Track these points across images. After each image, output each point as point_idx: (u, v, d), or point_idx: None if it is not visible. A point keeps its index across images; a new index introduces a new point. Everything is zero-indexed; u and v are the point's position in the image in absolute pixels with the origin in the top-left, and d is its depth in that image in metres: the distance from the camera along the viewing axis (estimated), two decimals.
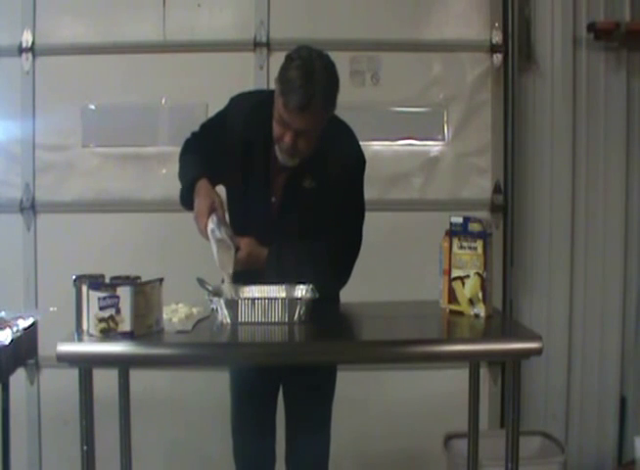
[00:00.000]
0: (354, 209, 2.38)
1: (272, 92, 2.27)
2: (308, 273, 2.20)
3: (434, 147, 3.43)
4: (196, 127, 2.41)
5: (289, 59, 2.19)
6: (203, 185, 2.21)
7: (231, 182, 2.34)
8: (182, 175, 2.32)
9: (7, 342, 2.24)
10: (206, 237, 2.17)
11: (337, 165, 2.29)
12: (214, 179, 2.26)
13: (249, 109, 2.34)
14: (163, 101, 3.37)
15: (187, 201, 2.26)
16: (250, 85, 3.23)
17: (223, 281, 2.20)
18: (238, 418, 2.51)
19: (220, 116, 2.40)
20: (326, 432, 2.51)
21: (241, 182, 2.32)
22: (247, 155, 2.31)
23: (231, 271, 2.18)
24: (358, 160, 2.37)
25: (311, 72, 2.13)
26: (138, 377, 2.46)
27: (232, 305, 2.04)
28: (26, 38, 3.31)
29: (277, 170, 2.31)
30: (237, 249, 2.19)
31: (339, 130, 2.35)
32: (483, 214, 3.28)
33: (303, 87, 2.11)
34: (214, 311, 2.08)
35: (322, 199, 2.29)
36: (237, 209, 2.35)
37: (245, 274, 2.22)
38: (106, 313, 1.86)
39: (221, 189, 2.34)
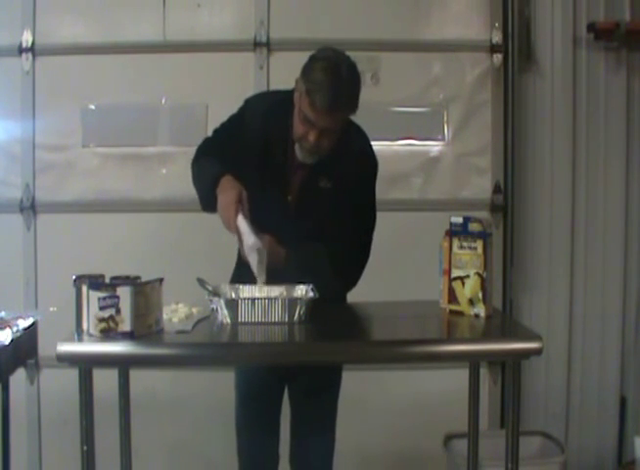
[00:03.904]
0: (369, 210, 2.40)
1: (289, 92, 2.29)
2: (323, 273, 2.22)
3: (434, 147, 3.43)
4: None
5: (314, 59, 2.21)
6: (227, 179, 2.21)
7: (248, 181, 2.30)
8: (201, 177, 2.30)
9: (7, 342, 2.24)
10: (233, 229, 2.16)
11: (353, 166, 2.31)
12: (239, 178, 2.24)
13: (266, 108, 2.35)
14: (163, 101, 3.37)
15: (209, 201, 2.23)
16: (250, 85, 3.24)
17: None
18: (243, 418, 2.52)
19: (236, 117, 2.39)
20: (331, 433, 2.52)
21: (258, 180, 2.31)
22: (265, 153, 2.31)
23: (264, 280, 2.17)
24: (373, 161, 2.39)
25: (338, 73, 2.16)
26: (138, 377, 2.46)
27: (232, 305, 2.04)
28: (26, 38, 3.31)
29: (294, 169, 2.33)
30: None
31: (353, 131, 2.37)
32: (483, 214, 3.28)
33: (332, 88, 2.14)
34: (214, 311, 2.08)
35: (337, 199, 2.30)
36: (253, 207, 2.34)
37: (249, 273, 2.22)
38: (106, 313, 1.86)
39: None
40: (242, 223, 2.15)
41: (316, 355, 2.00)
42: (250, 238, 2.14)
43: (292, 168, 2.33)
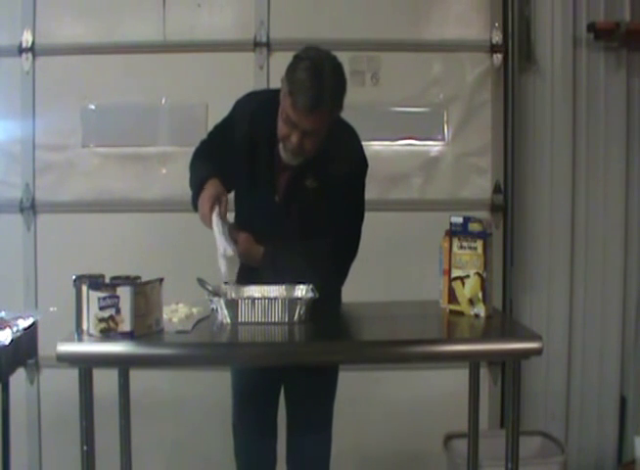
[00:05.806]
0: (354, 210, 2.39)
1: (277, 91, 2.28)
2: (303, 272, 2.21)
3: (433, 147, 3.43)
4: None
5: (297, 59, 2.19)
6: (212, 183, 2.24)
7: (238, 182, 2.34)
8: (191, 181, 2.34)
9: (7, 342, 2.24)
10: (208, 224, 2.19)
11: (340, 167, 2.30)
12: (226, 182, 2.28)
13: (253, 108, 2.36)
14: (163, 101, 3.37)
15: (196, 203, 2.28)
16: (250, 85, 3.23)
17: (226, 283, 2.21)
18: (239, 418, 2.52)
19: (226, 119, 2.42)
20: (327, 432, 2.52)
21: (246, 181, 2.33)
22: (251, 153, 2.32)
23: (234, 280, 2.21)
24: (361, 161, 2.39)
25: (321, 74, 2.14)
26: (138, 377, 2.46)
27: (232, 305, 2.04)
28: (26, 38, 3.31)
29: (281, 169, 2.33)
30: (235, 241, 2.21)
31: (343, 132, 2.36)
32: (483, 214, 3.28)
33: (313, 89, 2.12)
34: (214, 311, 2.08)
35: (324, 198, 2.30)
36: (241, 207, 2.35)
37: (241, 272, 2.24)
38: (106, 313, 1.86)
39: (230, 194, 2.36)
40: (215, 224, 2.17)
41: (316, 356, 2.00)
42: (221, 244, 2.16)
43: (278, 168, 2.33)
